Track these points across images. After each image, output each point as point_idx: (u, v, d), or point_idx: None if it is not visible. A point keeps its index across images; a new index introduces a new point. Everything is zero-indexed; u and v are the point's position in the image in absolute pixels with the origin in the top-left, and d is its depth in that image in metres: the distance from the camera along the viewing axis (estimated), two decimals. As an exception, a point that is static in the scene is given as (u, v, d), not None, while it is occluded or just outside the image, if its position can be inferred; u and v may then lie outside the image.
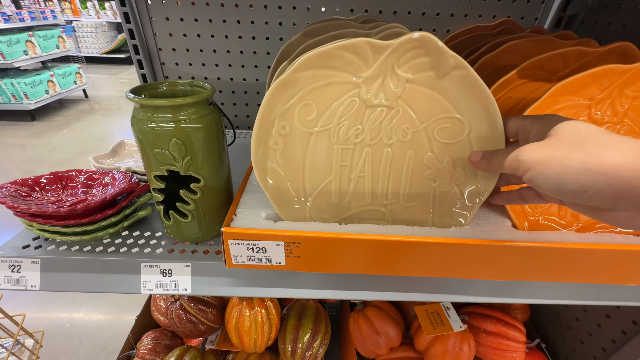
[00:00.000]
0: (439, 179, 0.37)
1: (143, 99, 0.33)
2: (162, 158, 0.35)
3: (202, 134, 0.35)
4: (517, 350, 0.59)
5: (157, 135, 0.34)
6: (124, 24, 0.64)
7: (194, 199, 0.38)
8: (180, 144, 0.34)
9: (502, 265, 0.35)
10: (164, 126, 0.34)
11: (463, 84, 0.32)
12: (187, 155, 0.35)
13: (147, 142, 0.35)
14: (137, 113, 0.35)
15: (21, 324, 0.81)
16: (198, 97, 0.34)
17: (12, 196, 0.37)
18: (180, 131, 0.34)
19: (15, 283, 0.38)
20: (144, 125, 0.34)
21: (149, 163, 0.36)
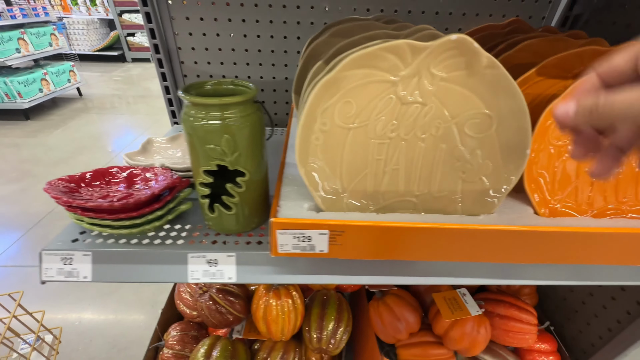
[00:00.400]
0: (468, 170, 0.40)
1: (207, 98, 0.35)
2: (213, 153, 0.37)
3: (249, 130, 0.37)
4: (529, 332, 0.62)
5: (210, 131, 0.36)
6: (146, 23, 0.65)
7: (238, 192, 0.40)
8: (231, 139, 0.36)
9: (528, 250, 0.39)
10: (217, 123, 0.36)
11: (494, 82, 0.35)
12: (237, 151, 0.37)
13: (199, 138, 0.36)
14: (189, 111, 0.36)
15: (41, 321, 0.83)
16: (248, 96, 0.36)
17: (63, 192, 0.39)
18: (232, 128, 0.36)
19: (67, 275, 0.40)
20: (197, 122, 0.36)
21: (198, 158, 0.38)
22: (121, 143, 2.90)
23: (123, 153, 2.18)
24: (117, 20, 5.14)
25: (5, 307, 0.80)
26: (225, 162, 0.38)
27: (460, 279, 0.42)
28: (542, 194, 0.42)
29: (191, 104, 0.36)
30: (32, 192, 2.22)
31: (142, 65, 5.32)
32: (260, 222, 0.45)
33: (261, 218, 0.45)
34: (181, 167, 0.49)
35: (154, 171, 0.44)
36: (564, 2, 0.66)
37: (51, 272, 0.39)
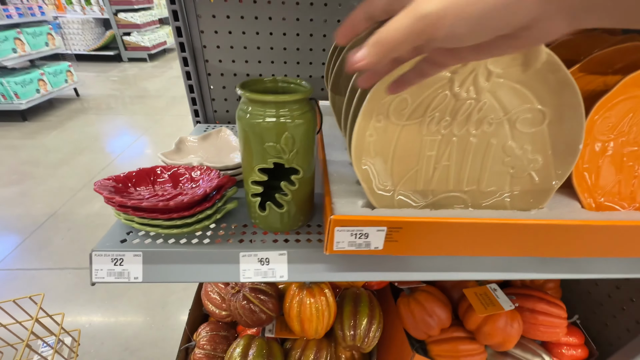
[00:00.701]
0: (517, 166, 0.40)
1: (271, 95, 0.34)
2: (271, 151, 0.37)
3: (306, 128, 0.37)
4: (559, 326, 0.63)
5: (270, 129, 0.36)
6: (172, 21, 0.64)
7: (291, 190, 0.40)
8: (290, 137, 0.36)
9: (579, 243, 0.39)
10: (277, 121, 0.35)
11: (550, 78, 0.35)
12: (294, 148, 0.37)
13: (257, 135, 0.36)
14: (247, 108, 0.36)
15: (61, 323, 0.82)
16: (307, 93, 0.36)
17: (113, 192, 0.38)
18: (292, 125, 0.36)
19: (118, 276, 0.39)
20: (255, 120, 0.36)
21: (253, 156, 0.38)
22: (121, 144, 2.87)
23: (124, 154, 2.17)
24: (112, 20, 5.07)
25: (23, 308, 0.79)
26: (283, 159, 0.37)
27: (509, 273, 0.42)
28: (588, 188, 0.43)
29: (250, 101, 0.36)
30: (33, 195, 2.18)
31: (138, 65, 5.27)
32: (305, 220, 0.45)
33: (307, 216, 0.45)
34: (220, 166, 0.49)
35: (198, 170, 0.44)
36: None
37: (101, 274, 0.39)
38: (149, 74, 4.92)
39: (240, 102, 0.38)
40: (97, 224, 1.94)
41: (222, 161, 0.52)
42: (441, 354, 0.65)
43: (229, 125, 0.78)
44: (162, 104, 3.83)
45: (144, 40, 5.20)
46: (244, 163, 0.40)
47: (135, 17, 5.19)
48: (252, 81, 0.40)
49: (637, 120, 0.42)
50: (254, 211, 0.42)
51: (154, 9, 5.88)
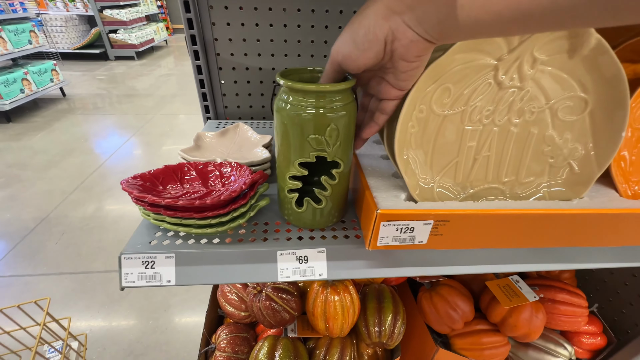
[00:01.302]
0: (557, 155, 0.40)
1: (313, 84, 0.32)
2: (315, 144, 0.35)
3: (348, 119, 0.35)
4: (581, 315, 0.64)
5: (314, 120, 0.34)
6: (183, 13, 0.61)
7: (332, 185, 0.38)
8: (335, 129, 0.34)
9: (618, 231, 0.39)
10: (320, 112, 0.33)
11: (596, 64, 0.35)
12: (338, 141, 0.35)
13: (299, 128, 0.34)
14: (289, 99, 0.34)
15: (68, 328, 0.79)
16: (350, 83, 0.34)
17: (142, 190, 0.36)
18: (337, 117, 0.34)
19: (150, 279, 0.37)
20: (298, 111, 0.34)
21: (293, 150, 0.36)
22: (112, 145, 2.79)
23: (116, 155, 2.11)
24: (97, 17, 4.92)
25: (28, 314, 0.76)
26: (326, 152, 0.36)
27: (550, 264, 0.42)
28: (625, 176, 0.42)
29: (291, 90, 0.34)
30: (22, 198, 2.10)
31: (126, 64, 5.13)
32: (340, 216, 0.43)
33: (341, 212, 0.43)
34: (246, 162, 0.47)
35: (229, 166, 0.42)
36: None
37: (131, 277, 0.37)
38: (137, 72, 4.79)
39: (279, 93, 0.36)
40: (93, 226, 1.88)
41: (245, 157, 0.50)
42: (465, 347, 0.65)
43: (241, 121, 0.76)
44: (152, 102, 3.74)
45: (131, 37, 5.06)
46: (281, 157, 0.38)
47: (121, 14, 5.04)
48: (289, 71, 0.38)
49: (670, 108, 0.42)
50: (289, 208, 0.40)
51: (140, 6, 5.72)
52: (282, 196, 0.41)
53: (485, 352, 0.63)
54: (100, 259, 1.68)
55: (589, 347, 0.67)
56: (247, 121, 0.75)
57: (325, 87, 0.33)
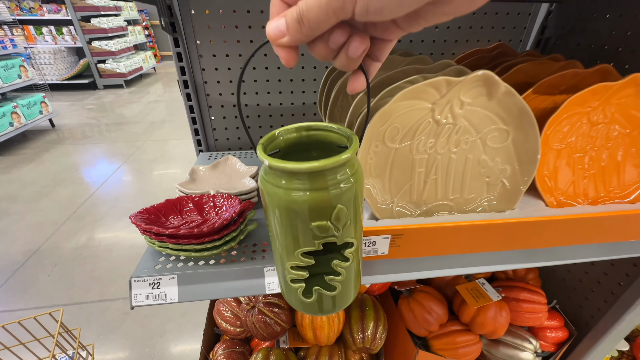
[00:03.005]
0: (491, 175, 0.49)
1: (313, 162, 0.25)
2: (321, 231, 0.28)
3: (356, 190, 0.29)
4: (541, 312, 0.71)
5: (318, 205, 0.27)
6: (177, 62, 0.70)
7: (345, 267, 0.33)
8: (344, 210, 0.28)
9: (546, 235, 0.47)
10: (325, 193, 0.27)
11: (509, 103, 0.44)
12: (348, 220, 0.29)
13: (299, 215, 0.28)
14: (280, 182, 0.27)
15: (78, 337, 0.83)
16: (357, 147, 0.28)
17: (148, 223, 0.43)
18: (344, 194, 0.28)
19: (155, 298, 0.43)
20: (295, 195, 0.27)
21: (293, 240, 0.30)
22: (102, 173, 2.82)
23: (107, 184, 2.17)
24: (86, 48, 5.03)
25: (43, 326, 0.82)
26: (336, 237, 0.30)
27: (491, 266, 0.50)
28: (550, 189, 0.52)
29: (284, 172, 0.26)
30: (13, 232, 2.10)
31: (114, 92, 5.22)
32: (357, 291, 0.38)
33: (357, 288, 0.38)
34: (236, 192, 0.54)
35: (221, 197, 0.49)
36: (537, 28, 0.80)
37: (140, 297, 0.43)
38: (125, 100, 4.87)
39: (263, 171, 0.29)
40: (85, 256, 1.89)
41: (235, 187, 0.58)
42: (442, 347, 0.71)
43: (230, 152, 0.84)
44: (141, 129, 3.80)
45: (119, 67, 5.18)
46: (278, 246, 0.32)
47: (109, 44, 5.17)
48: (270, 137, 0.32)
49: (580, 132, 0.51)
50: (295, 297, 0.35)
51: (128, 36, 5.88)
52: (285, 283, 0.35)
53: (459, 351, 0.69)
54: (95, 289, 1.69)
55: (553, 341, 0.75)
56: (236, 152, 0.84)
57: (326, 163, 0.25)
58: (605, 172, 0.53)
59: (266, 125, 0.84)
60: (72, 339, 0.90)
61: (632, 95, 0.49)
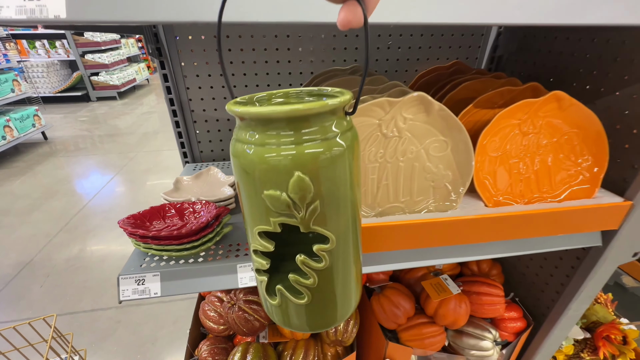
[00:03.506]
0: (435, 180, 0.56)
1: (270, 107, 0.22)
2: (274, 205, 0.24)
3: (338, 161, 0.24)
4: (499, 303, 0.78)
5: (268, 165, 0.23)
6: (163, 82, 0.78)
7: (315, 270, 0.26)
8: (306, 181, 0.23)
9: (483, 231, 0.54)
10: (284, 153, 0.22)
11: (444, 119, 0.52)
12: (316, 201, 0.24)
13: (250, 177, 0.24)
14: (241, 134, 0.25)
15: (71, 342, 0.88)
16: (337, 103, 0.23)
17: (135, 227, 0.49)
18: (307, 159, 0.22)
19: (141, 293, 0.49)
20: (243, 149, 0.24)
21: (249, 213, 0.26)
22: (95, 185, 2.85)
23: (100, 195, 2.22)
24: (79, 61, 5.09)
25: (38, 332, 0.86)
26: (295, 219, 0.24)
27: (440, 260, 0.57)
28: (489, 191, 0.59)
29: (243, 121, 0.24)
30: (5, 244, 2.12)
31: (108, 104, 5.27)
32: (346, 312, 0.31)
33: (347, 308, 0.31)
34: (215, 199, 0.61)
35: (199, 204, 0.56)
36: (489, 47, 0.89)
37: (127, 292, 0.49)
38: (119, 111, 4.92)
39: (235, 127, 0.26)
40: (78, 267, 1.92)
41: (215, 195, 0.64)
42: (410, 338, 0.77)
43: (214, 162, 0.91)
44: (134, 140, 3.85)
45: (112, 79, 5.24)
46: (245, 221, 0.28)
47: (102, 57, 5.24)
48: (249, 98, 0.30)
49: (514, 141, 0.59)
50: (262, 294, 0.30)
51: (121, 49, 5.96)
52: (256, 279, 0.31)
53: (425, 341, 0.76)
54: (87, 299, 1.72)
55: (513, 331, 0.82)
56: (220, 162, 0.90)
57: (285, 109, 0.21)
58: (538, 175, 0.61)
59: None
60: (65, 343, 0.95)
61: (555, 109, 0.58)
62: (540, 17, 0.37)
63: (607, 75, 0.64)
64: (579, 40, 0.70)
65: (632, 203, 0.58)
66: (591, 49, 0.67)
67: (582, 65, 0.69)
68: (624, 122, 0.62)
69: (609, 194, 0.62)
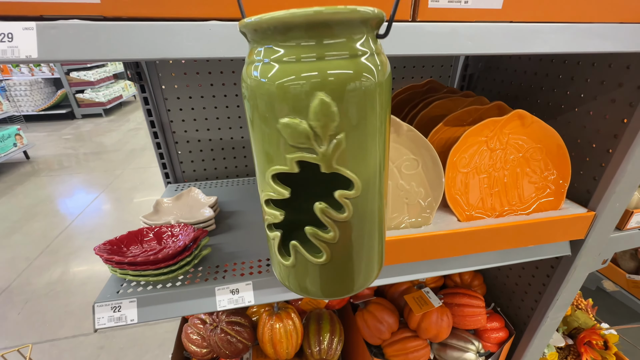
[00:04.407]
0: (409, 197, 0.58)
1: (292, 11, 0.18)
2: (292, 137, 0.21)
3: (371, 87, 0.21)
4: (480, 314, 0.80)
5: (287, 88, 0.20)
6: (143, 105, 0.79)
7: (337, 222, 0.23)
8: (330, 105, 0.20)
9: (457, 245, 0.56)
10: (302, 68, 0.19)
11: (412, 139, 0.54)
12: (339, 132, 0.21)
13: (266, 104, 0.21)
14: (252, 55, 0.22)
15: None
16: (372, 11, 0.20)
17: (111, 253, 0.49)
18: (333, 79, 0.19)
19: (117, 320, 0.49)
20: (259, 71, 0.20)
21: (262, 150, 0.23)
22: (79, 204, 2.79)
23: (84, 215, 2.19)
24: (64, 79, 5.05)
25: None
26: (316, 155, 0.21)
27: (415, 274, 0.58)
28: (461, 206, 0.61)
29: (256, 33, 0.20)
30: (-18, 269, 2.04)
31: (93, 121, 5.20)
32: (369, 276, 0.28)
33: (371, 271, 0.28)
34: (194, 221, 0.61)
35: (178, 227, 0.56)
36: (460, 66, 0.93)
37: (103, 320, 0.48)
38: (104, 128, 4.87)
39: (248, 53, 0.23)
40: (59, 291, 1.86)
41: (194, 216, 0.65)
42: (394, 354, 0.78)
43: (197, 182, 0.91)
44: (120, 157, 3.80)
45: (98, 96, 5.20)
46: (256, 164, 0.25)
47: (88, 75, 5.21)
48: None
49: (482, 157, 0.62)
50: (273, 255, 0.28)
51: (108, 66, 5.95)
52: (267, 237, 0.27)
53: (409, 356, 0.76)
54: (68, 324, 1.66)
55: (496, 341, 0.83)
56: (202, 182, 0.91)
57: (306, 13, 0.18)
58: (507, 189, 0.64)
59: (230, 157, 0.92)
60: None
61: (518, 126, 0.61)
62: (490, 47, 0.40)
63: (566, 93, 0.68)
64: (539, 60, 0.74)
65: (594, 213, 0.62)
66: (551, 69, 0.71)
67: (544, 83, 0.73)
68: (584, 137, 0.66)
69: (574, 205, 0.65)
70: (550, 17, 0.43)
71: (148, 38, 0.32)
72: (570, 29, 0.43)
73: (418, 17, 0.39)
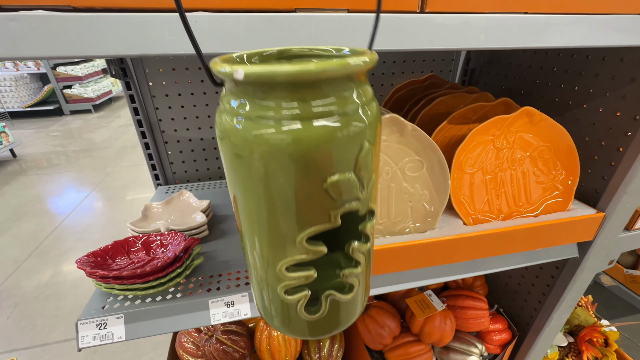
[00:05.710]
0: (413, 200, 0.55)
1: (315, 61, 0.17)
2: (342, 191, 0.19)
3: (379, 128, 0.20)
4: (484, 317, 0.78)
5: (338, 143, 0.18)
6: (129, 103, 0.74)
7: (364, 253, 0.23)
8: (371, 150, 0.19)
9: (463, 250, 0.54)
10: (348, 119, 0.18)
11: (417, 138, 0.51)
12: (374, 174, 0.21)
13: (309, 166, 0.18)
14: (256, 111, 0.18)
15: None
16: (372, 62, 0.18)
17: (95, 267, 0.45)
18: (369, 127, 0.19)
19: (103, 339, 0.45)
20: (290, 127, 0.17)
21: (297, 216, 0.20)
22: (69, 203, 2.72)
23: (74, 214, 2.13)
24: (50, 74, 4.90)
25: None
26: (359, 201, 0.20)
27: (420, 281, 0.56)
28: (466, 209, 0.59)
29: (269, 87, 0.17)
30: (-32, 274, 1.98)
31: (82, 117, 5.07)
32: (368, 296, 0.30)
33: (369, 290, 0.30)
34: (185, 228, 0.58)
35: (167, 235, 0.52)
36: (462, 60, 0.90)
37: (87, 339, 0.45)
38: (94, 125, 4.75)
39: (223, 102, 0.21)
40: (49, 294, 1.81)
41: (186, 222, 0.61)
42: (396, 359, 0.76)
43: (188, 184, 0.87)
44: (111, 154, 3.71)
45: (87, 91, 5.06)
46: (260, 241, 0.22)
47: (75, 69, 5.06)
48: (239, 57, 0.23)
49: (489, 157, 0.59)
50: (291, 314, 0.24)
51: (96, 60, 5.78)
52: (274, 300, 0.24)
53: (412, 361, 0.74)
54: (59, 328, 1.61)
55: (499, 343, 0.81)
56: (194, 183, 0.87)
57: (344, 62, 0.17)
58: (514, 190, 0.61)
59: (211, 157, 0.88)
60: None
61: (526, 124, 0.58)
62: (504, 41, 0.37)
63: (574, 88, 0.66)
64: (545, 54, 0.71)
65: (604, 214, 0.59)
66: (558, 63, 0.68)
67: (550, 78, 0.70)
68: (592, 134, 0.63)
69: (583, 206, 0.62)
70: (566, 9, 0.39)
71: (125, 31, 0.28)
72: (586, 20, 0.40)
73: (427, 8, 0.36)
